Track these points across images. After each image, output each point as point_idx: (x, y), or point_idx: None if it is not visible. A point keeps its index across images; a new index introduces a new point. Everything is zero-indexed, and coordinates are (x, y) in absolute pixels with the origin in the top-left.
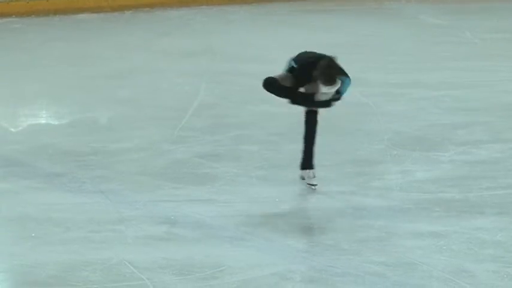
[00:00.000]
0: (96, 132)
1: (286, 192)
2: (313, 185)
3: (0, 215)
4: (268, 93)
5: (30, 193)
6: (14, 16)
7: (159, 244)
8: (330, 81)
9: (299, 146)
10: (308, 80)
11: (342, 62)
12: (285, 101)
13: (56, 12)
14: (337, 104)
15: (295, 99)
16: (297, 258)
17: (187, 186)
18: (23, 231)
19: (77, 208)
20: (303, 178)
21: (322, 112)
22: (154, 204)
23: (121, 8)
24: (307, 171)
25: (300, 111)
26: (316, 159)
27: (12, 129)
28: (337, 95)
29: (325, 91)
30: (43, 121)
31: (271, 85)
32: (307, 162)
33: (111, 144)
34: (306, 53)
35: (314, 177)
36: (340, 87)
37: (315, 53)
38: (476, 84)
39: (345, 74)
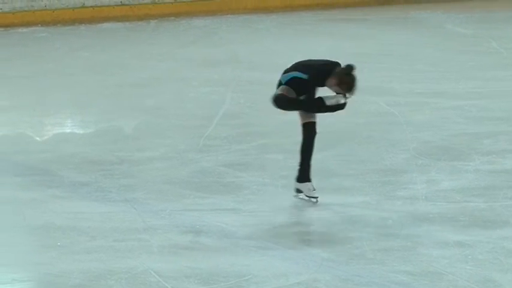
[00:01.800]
0: (121, 141)
1: (312, 201)
2: (314, 197)
3: (25, 224)
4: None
5: (55, 202)
6: (39, 25)
7: (185, 253)
8: (351, 89)
9: (324, 155)
10: (319, 87)
11: (367, 71)
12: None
13: (82, 21)
14: (362, 114)
15: (313, 107)
16: (322, 267)
17: (212, 196)
18: (48, 240)
19: (102, 217)
20: (299, 191)
21: (346, 121)
22: (180, 213)
23: (146, 17)
24: (307, 184)
25: (329, 120)
26: (341, 168)
27: (38, 138)
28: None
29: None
30: (68, 130)
31: (282, 101)
32: (306, 175)
33: (136, 153)
34: (309, 61)
35: (314, 190)
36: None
37: (316, 60)
38: (502, 94)
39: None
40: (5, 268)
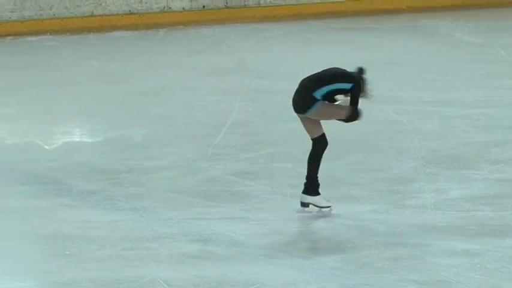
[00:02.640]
0: (130, 150)
1: (324, 211)
2: (328, 206)
3: (34, 233)
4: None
5: (64, 211)
6: (48, 34)
7: (193, 262)
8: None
9: (333, 164)
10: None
11: (376, 80)
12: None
13: (90, 30)
14: (371, 122)
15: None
16: (330, 276)
17: (221, 204)
18: (57, 249)
19: (111, 226)
20: (306, 205)
21: (354, 130)
22: (188, 222)
23: (155, 26)
24: (320, 196)
25: (338, 129)
26: (350, 177)
27: (47, 147)
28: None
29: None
30: (77, 139)
31: (359, 114)
32: (318, 187)
33: (145, 162)
34: (328, 71)
35: (328, 200)
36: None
37: (332, 69)
38: (510, 103)
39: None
40: (13, 277)
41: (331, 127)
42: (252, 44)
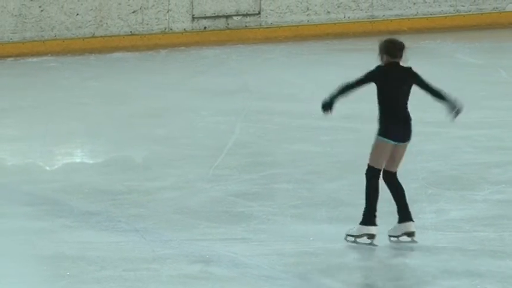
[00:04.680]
0: (131, 171)
1: (321, 231)
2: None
3: (35, 253)
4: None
5: (65, 231)
6: (49, 55)
7: (194, 283)
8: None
9: (334, 185)
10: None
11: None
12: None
13: (92, 51)
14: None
15: None
16: None
17: (222, 225)
18: (57, 270)
19: (112, 247)
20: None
21: (356, 151)
22: (189, 242)
23: (156, 47)
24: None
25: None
26: (351, 198)
27: (48, 168)
28: None
29: None
30: (78, 160)
31: None
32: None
33: (146, 183)
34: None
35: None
36: None
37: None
38: (511, 124)
39: None
40: None
41: (333, 147)
42: (253, 65)
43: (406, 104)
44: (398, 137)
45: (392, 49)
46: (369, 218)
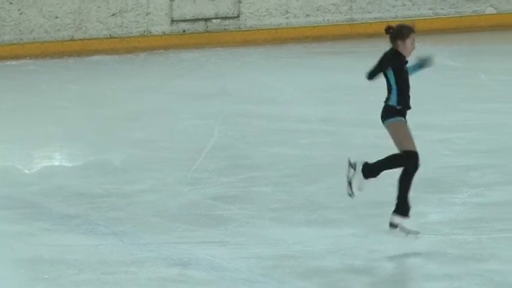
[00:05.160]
0: (110, 174)
1: (300, 234)
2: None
3: (13, 257)
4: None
5: (43, 235)
6: (28, 58)
7: (172, 286)
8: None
9: (312, 188)
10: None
11: (356, 103)
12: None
13: (71, 54)
14: (351, 146)
15: None
16: None
17: (200, 228)
18: (36, 273)
19: (90, 250)
20: (395, 226)
21: (335, 154)
22: (168, 246)
23: (135, 50)
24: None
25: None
26: (329, 201)
27: (27, 171)
28: None
29: None
30: (57, 163)
31: None
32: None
33: (124, 186)
34: None
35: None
36: None
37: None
38: (490, 127)
39: None
40: None
41: (312, 150)
42: (232, 68)
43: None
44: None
45: (406, 33)
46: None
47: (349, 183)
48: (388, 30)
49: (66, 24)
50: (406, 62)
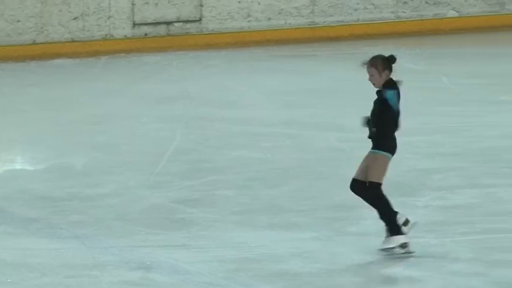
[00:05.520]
0: (72, 178)
1: (262, 237)
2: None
3: None
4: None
5: (5, 238)
6: None
7: None
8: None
9: (275, 192)
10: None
11: (318, 107)
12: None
13: (33, 57)
14: (313, 150)
15: None
16: None
17: (163, 232)
18: None
19: (53, 253)
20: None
21: (297, 157)
22: (130, 249)
23: (97, 54)
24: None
25: (280, 156)
26: (292, 204)
27: None
28: None
29: None
30: (19, 166)
31: None
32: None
33: (87, 190)
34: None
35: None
36: None
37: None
38: (452, 130)
39: None
40: None
41: (274, 154)
42: (194, 72)
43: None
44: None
45: (391, 63)
46: (397, 228)
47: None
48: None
49: (28, 28)
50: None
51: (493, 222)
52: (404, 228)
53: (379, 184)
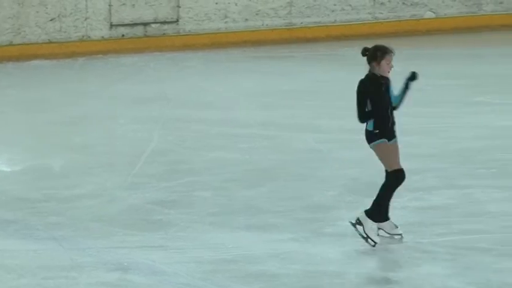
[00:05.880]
0: (49, 179)
1: (240, 238)
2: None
3: None
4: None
5: None
6: None
7: None
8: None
9: (252, 193)
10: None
11: (296, 108)
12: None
13: (9, 59)
14: (291, 151)
15: None
16: None
17: (140, 233)
18: None
19: (30, 255)
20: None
21: (275, 158)
22: (108, 250)
23: (74, 55)
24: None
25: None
26: (269, 205)
27: None
28: None
29: None
30: None
31: None
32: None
33: (64, 191)
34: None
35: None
36: None
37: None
38: (429, 131)
39: None
40: None
41: (251, 155)
42: (171, 73)
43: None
44: (394, 135)
45: (381, 55)
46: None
47: (366, 238)
48: (364, 52)
49: (5, 29)
50: (385, 81)
51: (469, 223)
52: (377, 238)
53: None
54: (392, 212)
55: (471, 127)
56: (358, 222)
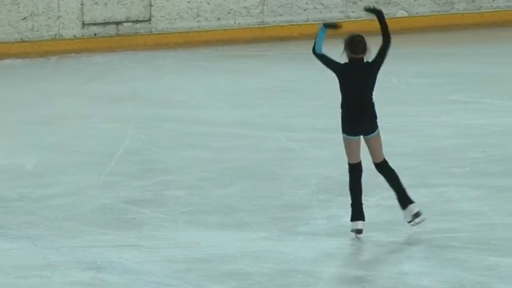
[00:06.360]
0: (22, 178)
1: (213, 237)
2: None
3: None
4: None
5: None
6: None
7: None
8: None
9: (225, 192)
10: None
11: (268, 107)
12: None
13: None
14: (263, 149)
15: None
16: None
17: (113, 232)
18: None
19: (3, 254)
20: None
21: (247, 157)
22: (81, 249)
23: (47, 54)
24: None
25: (231, 156)
26: (242, 204)
27: None
28: None
29: None
30: None
31: None
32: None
33: (37, 190)
34: None
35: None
36: None
37: None
38: (402, 129)
39: None
40: None
41: (224, 155)
42: (144, 72)
43: (365, 98)
44: (356, 131)
45: (350, 45)
46: (353, 213)
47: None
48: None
49: None
50: (356, 63)
51: (443, 221)
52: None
53: (348, 164)
54: (366, 211)
55: (444, 126)
56: (417, 214)
